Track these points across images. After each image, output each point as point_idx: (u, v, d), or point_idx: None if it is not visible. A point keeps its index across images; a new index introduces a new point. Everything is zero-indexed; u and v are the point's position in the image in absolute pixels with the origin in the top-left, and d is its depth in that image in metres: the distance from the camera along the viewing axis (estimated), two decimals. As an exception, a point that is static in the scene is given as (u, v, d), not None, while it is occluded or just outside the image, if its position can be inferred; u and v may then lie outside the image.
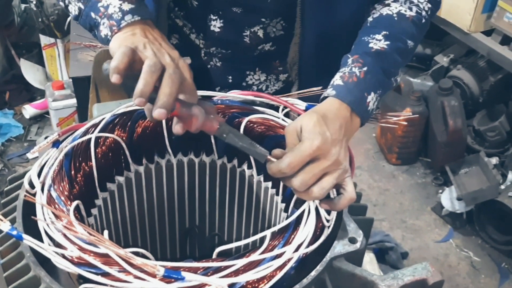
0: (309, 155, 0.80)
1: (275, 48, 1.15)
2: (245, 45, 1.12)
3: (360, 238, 0.83)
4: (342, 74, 0.93)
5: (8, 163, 2.87)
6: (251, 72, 1.20)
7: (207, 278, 0.69)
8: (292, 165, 0.80)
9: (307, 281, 0.76)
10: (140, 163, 1.05)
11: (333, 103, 0.88)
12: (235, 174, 1.11)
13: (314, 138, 0.81)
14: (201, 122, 0.83)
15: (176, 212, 1.17)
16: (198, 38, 1.16)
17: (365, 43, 0.97)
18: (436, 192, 2.81)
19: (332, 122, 0.84)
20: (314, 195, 0.81)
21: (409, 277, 0.77)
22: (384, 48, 0.96)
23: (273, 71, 1.21)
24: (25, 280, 0.76)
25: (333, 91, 0.90)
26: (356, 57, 0.95)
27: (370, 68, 0.92)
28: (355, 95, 0.89)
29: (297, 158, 0.80)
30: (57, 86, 2.69)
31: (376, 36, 0.97)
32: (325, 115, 0.85)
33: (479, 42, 2.61)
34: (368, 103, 0.91)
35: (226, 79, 1.21)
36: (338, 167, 0.83)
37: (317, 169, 0.81)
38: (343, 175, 0.84)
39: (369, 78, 0.92)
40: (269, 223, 1.10)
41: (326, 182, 0.81)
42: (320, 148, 0.80)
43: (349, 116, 0.88)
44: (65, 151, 0.90)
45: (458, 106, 2.68)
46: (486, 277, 2.39)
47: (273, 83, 1.22)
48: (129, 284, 0.69)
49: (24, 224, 0.82)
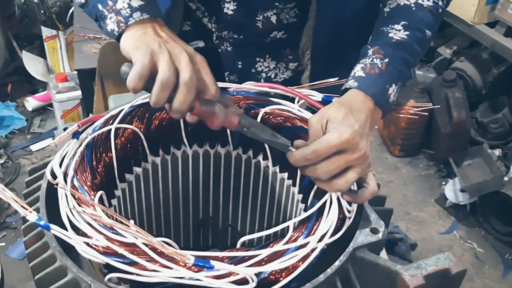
0: (336, 146, 0.80)
1: (287, 36, 1.15)
2: (257, 30, 1.12)
3: (382, 228, 0.84)
4: (363, 66, 0.92)
5: (11, 155, 2.87)
6: (260, 59, 1.20)
7: (235, 267, 0.70)
8: (318, 152, 0.80)
9: (331, 271, 0.77)
10: (156, 154, 1.05)
11: (357, 95, 0.88)
12: (250, 165, 1.11)
13: (344, 130, 0.81)
14: (221, 120, 0.83)
15: (190, 203, 1.18)
16: (210, 22, 1.16)
17: (384, 34, 0.96)
18: (440, 184, 2.82)
19: (359, 115, 0.84)
20: (337, 187, 0.82)
21: (432, 267, 0.78)
22: (404, 38, 0.95)
23: (283, 59, 1.20)
24: (51, 270, 0.76)
25: (355, 82, 0.90)
26: (376, 48, 0.94)
27: (391, 59, 0.92)
28: (378, 87, 0.89)
29: (323, 147, 0.80)
30: (61, 78, 2.68)
31: (395, 26, 0.96)
32: (352, 107, 0.84)
33: (483, 34, 2.61)
34: (390, 95, 0.91)
35: (236, 65, 1.21)
36: (365, 161, 0.83)
37: (343, 160, 0.81)
38: (367, 169, 0.84)
39: (390, 69, 0.91)
40: (284, 214, 1.10)
41: (351, 175, 0.81)
42: (348, 141, 0.80)
43: (373, 109, 0.88)
44: (86, 142, 0.90)
45: (462, 98, 2.69)
46: (490, 268, 2.41)
47: (282, 71, 1.22)
48: (157, 273, 0.70)
49: (47, 215, 0.83)
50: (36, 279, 0.76)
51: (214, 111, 0.82)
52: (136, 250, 0.72)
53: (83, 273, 0.73)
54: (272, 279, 0.76)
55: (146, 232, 0.69)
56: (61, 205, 0.80)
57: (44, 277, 0.76)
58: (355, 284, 0.78)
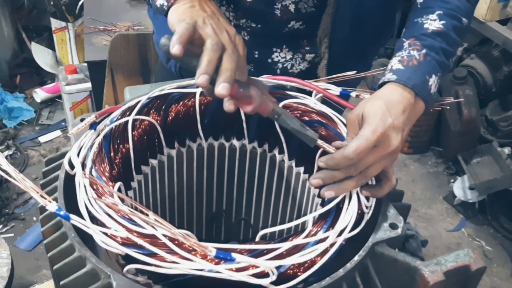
0: (373, 141, 0.79)
1: (304, 27, 1.14)
2: (275, 19, 1.11)
3: (401, 224, 0.83)
4: (400, 58, 0.90)
5: (20, 146, 2.87)
6: (277, 49, 1.19)
7: (256, 260, 0.70)
8: (359, 150, 0.79)
9: (350, 266, 0.77)
10: (172, 147, 1.05)
11: (396, 88, 0.86)
12: (265, 158, 1.11)
13: (377, 124, 0.80)
14: (257, 104, 0.82)
15: (204, 196, 1.18)
16: (228, 11, 1.15)
17: (419, 25, 0.94)
18: (448, 182, 2.81)
19: (396, 107, 0.82)
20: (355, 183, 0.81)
21: (452, 263, 0.77)
22: (440, 28, 0.93)
23: (300, 50, 1.20)
24: (70, 260, 0.76)
25: (394, 75, 0.87)
26: (412, 40, 0.92)
27: (429, 50, 0.90)
28: (418, 78, 0.87)
29: (363, 144, 0.79)
30: (70, 70, 2.68)
31: (430, 16, 0.94)
32: (389, 100, 0.83)
33: (495, 31, 2.59)
34: (430, 86, 0.88)
35: (252, 54, 1.20)
36: (393, 155, 0.82)
37: (376, 156, 0.80)
38: (392, 163, 0.83)
39: (429, 60, 0.89)
40: (299, 209, 1.10)
41: (373, 170, 0.81)
42: (383, 134, 0.79)
43: (413, 101, 0.86)
44: (104, 133, 0.90)
45: (472, 95, 2.67)
46: (498, 266, 2.40)
47: (299, 62, 1.21)
48: (176, 265, 0.69)
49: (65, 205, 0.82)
50: (55, 269, 0.76)
51: (250, 94, 0.82)
52: (155, 242, 0.71)
53: (103, 264, 0.73)
54: (290, 273, 0.76)
55: (167, 222, 0.69)
56: (79, 195, 0.80)
57: (63, 267, 0.76)
58: (374, 279, 0.78)
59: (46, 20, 3.32)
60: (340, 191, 0.83)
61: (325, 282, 0.74)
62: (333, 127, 0.97)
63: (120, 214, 0.74)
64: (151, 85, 1.20)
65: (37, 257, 2.29)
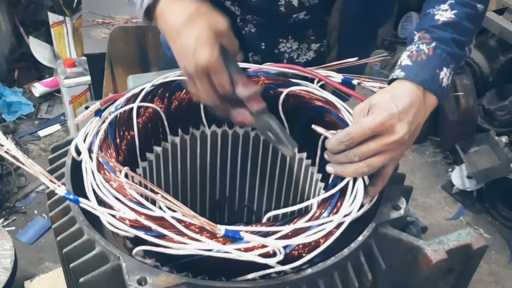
0: (370, 129, 0.80)
1: (310, 17, 1.15)
2: (280, 13, 1.12)
3: (404, 205, 0.84)
4: (409, 53, 0.90)
5: (19, 140, 2.88)
6: (283, 40, 1.20)
7: (265, 239, 0.71)
8: (351, 135, 0.80)
9: (355, 246, 0.78)
10: (176, 134, 1.06)
11: (404, 83, 0.86)
12: (268, 145, 1.12)
13: (379, 113, 0.80)
14: None
15: (207, 184, 1.19)
16: (233, 5, 1.16)
17: (430, 16, 0.93)
18: (446, 171, 2.83)
19: (402, 100, 0.82)
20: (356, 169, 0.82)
21: (454, 242, 0.79)
22: (451, 18, 0.91)
23: (306, 40, 1.21)
24: (79, 243, 0.77)
25: (402, 72, 0.87)
26: (422, 32, 0.91)
27: (439, 42, 0.89)
28: (427, 73, 0.86)
29: (357, 129, 0.80)
30: (69, 63, 2.68)
31: (442, 6, 0.93)
32: (396, 94, 0.83)
33: (491, 21, 2.61)
34: (442, 79, 0.88)
35: (259, 45, 1.21)
36: (400, 147, 0.81)
37: (378, 144, 0.80)
38: (399, 156, 0.83)
39: (439, 53, 0.88)
40: (302, 194, 1.11)
41: (377, 160, 0.81)
42: (383, 123, 0.80)
43: (422, 96, 0.85)
44: (110, 119, 0.91)
45: (470, 85, 2.69)
46: (496, 253, 2.42)
47: (305, 52, 1.22)
48: (185, 245, 0.71)
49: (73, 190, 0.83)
50: (64, 253, 0.77)
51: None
52: (163, 224, 0.73)
53: (112, 246, 0.74)
54: (295, 254, 0.77)
55: (176, 200, 0.70)
56: (86, 180, 0.81)
57: (72, 250, 0.77)
58: (378, 259, 0.79)
59: (43, 15, 3.32)
60: (338, 171, 0.84)
61: (330, 261, 0.76)
62: (335, 112, 0.98)
63: (128, 197, 0.75)
64: (154, 73, 1.21)
65: (39, 250, 2.30)
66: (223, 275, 0.76)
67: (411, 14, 3.38)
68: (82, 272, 0.74)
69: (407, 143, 0.83)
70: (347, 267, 0.77)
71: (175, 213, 0.73)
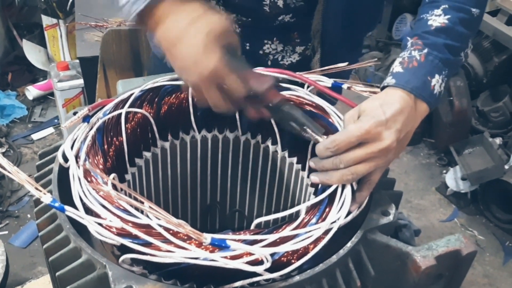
0: (356, 136, 0.79)
1: (295, 20, 1.15)
2: (265, 14, 1.12)
3: (393, 210, 0.84)
4: (401, 60, 0.89)
5: (13, 144, 2.87)
6: (268, 41, 1.20)
7: (251, 247, 0.70)
8: (336, 142, 0.80)
9: (343, 252, 0.78)
10: (165, 139, 1.05)
11: (395, 91, 0.85)
12: (258, 150, 1.11)
13: (366, 120, 0.80)
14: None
15: (198, 189, 1.18)
16: (218, 4, 1.16)
17: (424, 22, 0.91)
18: (440, 173, 2.84)
19: (391, 107, 0.81)
20: (340, 177, 0.82)
21: (443, 248, 0.78)
22: (444, 23, 0.89)
23: (291, 42, 1.20)
24: (65, 251, 0.76)
25: (393, 79, 0.86)
26: (415, 39, 0.90)
27: (430, 49, 0.87)
28: (418, 80, 0.85)
29: (342, 136, 0.80)
30: (62, 66, 2.67)
31: (435, 11, 0.91)
32: (386, 100, 0.82)
33: (485, 22, 2.60)
34: (433, 86, 0.86)
35: (244, 46, 1.20)
36: (386, 155, 0.81)
37: (363, 152, 0.79)
38: (385, 164, 0.82)
39: (430, 60, 0.87)
40: (293, 199, 1.11)
41: (362, 167, 0.80)
42: (369, 131, 0.79)
43: (413, 103, 0.84)
44: (97, 125, 0.90)
45: (463, 87, 2.69)
46: (490, 255, 2.42)
47: (289, 54, 1.22)
48: (172, 253, 0.70)
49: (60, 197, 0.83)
50: (51, 261, 0.76)
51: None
52: (150, 232, 0.72)
53: (98, 254, 0.74)
54: (284, 261, 0.77)
55: (161, 209, 0.70)
56: (73, 187, 0.80)
57: (58, 258, 0.77)
58: (366, 265, 0.79)
59: (37, 17, 3.31)
60: (323, 180, 0.83)
61: (319, 268, 0.75)
62: (326, 117, 0.97)
63: (114, 205, 0.74)
64: (144, 78, 1.20)
65: (32, 254, 2.29)
66: (211, 283, 0.75)
67: (405, 15, 3.39)
68: (69, 280, 0.74)
69: (395, 150, 0.82)
70: (335, 274, 0.77)
71: (161, 221, 0.72)
